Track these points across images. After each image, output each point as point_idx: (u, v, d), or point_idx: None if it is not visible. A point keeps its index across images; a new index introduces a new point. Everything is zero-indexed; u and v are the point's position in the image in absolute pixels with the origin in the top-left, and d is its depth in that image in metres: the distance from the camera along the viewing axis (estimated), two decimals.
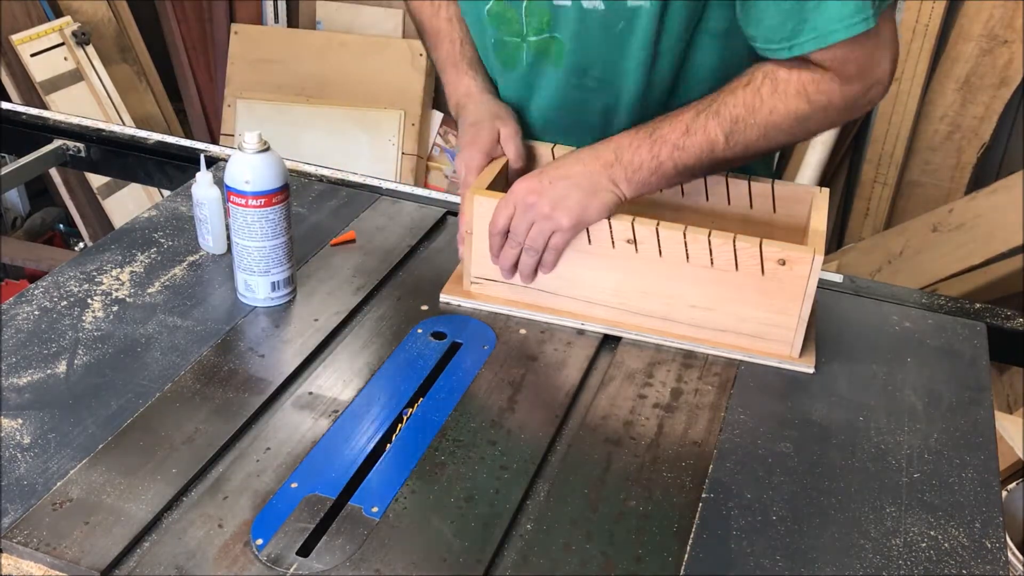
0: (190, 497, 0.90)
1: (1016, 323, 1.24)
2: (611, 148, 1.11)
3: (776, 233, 1.19)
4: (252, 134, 1.11)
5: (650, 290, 1.13)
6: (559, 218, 1.10)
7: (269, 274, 1.16)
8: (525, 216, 1.12)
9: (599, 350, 1.14)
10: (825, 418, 1.05)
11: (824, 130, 1.16)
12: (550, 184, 1.11)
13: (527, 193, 1.11)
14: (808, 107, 1.08)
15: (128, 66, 3.22)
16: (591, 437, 1.00)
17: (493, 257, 1.17)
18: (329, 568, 0.83)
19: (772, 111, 1.08)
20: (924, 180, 2.79)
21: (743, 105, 1.08)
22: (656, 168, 1.10)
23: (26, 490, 0.89)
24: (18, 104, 1.88)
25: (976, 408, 1.07)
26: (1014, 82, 2.58)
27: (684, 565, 0.86)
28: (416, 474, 0.94)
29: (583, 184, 1.10)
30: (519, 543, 0.87)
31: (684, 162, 1.10)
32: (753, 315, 1.11)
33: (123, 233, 1.33)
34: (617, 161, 1.10)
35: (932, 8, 2.59)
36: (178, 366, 1.07)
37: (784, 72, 1.07)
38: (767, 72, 1.08)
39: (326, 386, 1.06)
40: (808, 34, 1.03)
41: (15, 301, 1.16)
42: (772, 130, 1.09)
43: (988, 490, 0.96)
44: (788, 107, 1.07)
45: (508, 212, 1.12)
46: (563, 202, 1.10)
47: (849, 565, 0.87)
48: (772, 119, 1.08)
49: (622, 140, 1.11)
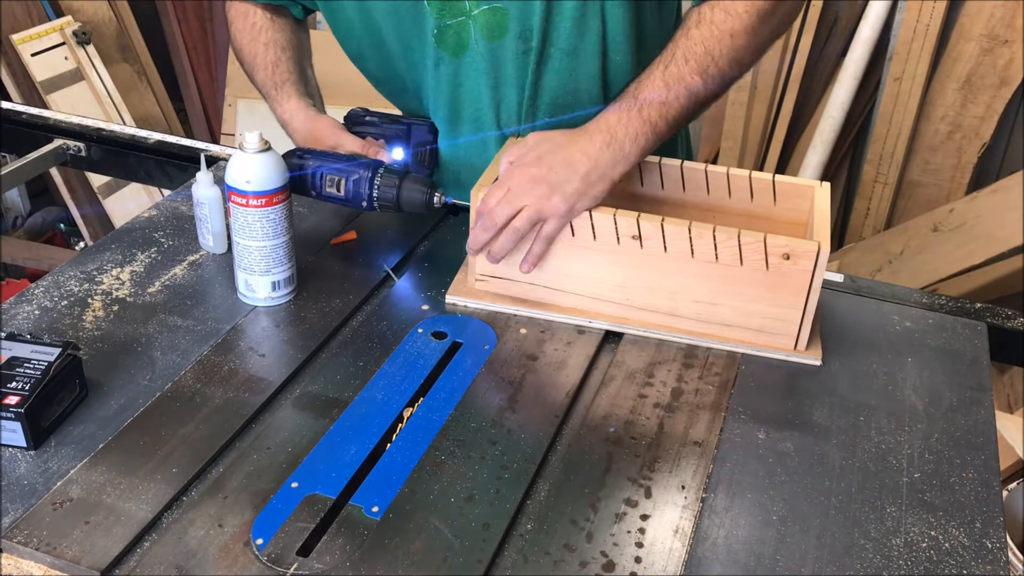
0: (190, 497, 0.90)
1: (1016, 323, 1.24)
2: (603, 128, 1.11)
3: (777, 227, 1.20)
4: (253, 134, 1.11)
5: (655, 285, 1.13)
6: (556, 205, 1.10)
7: (270, 273, 1.16)
8: (516, 201, 1.11)
9: (600, 349, 1.14)
10: (826, 418, 1.05)
11: (786, 26, 1.19)
12: (550, 171, 1.10)
13: (524, 177, 1.11)
14: (758, 16, 1.10)
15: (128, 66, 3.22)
16: (591, 437, 1.00)
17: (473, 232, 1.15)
18: (329, 568, 0.83)
19: (732, 34, 1.10)
20: (925, 180, 2.79)
21: (702, 42, 1.10)
22: (651, 131, 1.11)
23: (26, 490, 0.89)
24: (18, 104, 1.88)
25: (976, 408, 1.07)
26: (1015, 82, 2.58)
27: (685, 565, 0.86)
28: (416, 474, 0.93)
29: (584, 172, 1.09)
30: (519, 543, 0.87)
31: (674, 115, 1.12)
32: (758, 309, 1.11)
33: (123, 232, 1.33)
34: (614, 139, 1.10)
35: (933, 8, 2.59)
36: (178, 366, 1.07)
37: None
38: (711, 4, 1.11)
39: (326, 386, 1.06)
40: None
41: (15, 301, 1.16)
42: (739, 52, 1.11)
43: (988, 490, 0.96)
44: (744, 24, 1.10)
45: (501, 194, 1.12)
46: (557, 189, 1.10)
47: (849, 565, 0.87)
48: (735, 42, 1.10)
49: (610, 118, 1.11)
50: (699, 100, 1.12)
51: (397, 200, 1.19)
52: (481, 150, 1.35)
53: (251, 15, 1.38)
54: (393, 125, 1.36)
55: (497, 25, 1.22)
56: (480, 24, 1.23)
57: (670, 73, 1.10)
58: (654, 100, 1.10)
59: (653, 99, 1.10)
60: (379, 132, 1.36)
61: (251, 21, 1.38)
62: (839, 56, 2.80)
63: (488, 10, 1.22)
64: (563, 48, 1.24)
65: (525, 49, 1.24)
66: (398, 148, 1.32)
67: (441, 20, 1.24)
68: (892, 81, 2.69)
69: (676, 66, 1.10)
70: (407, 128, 1.36)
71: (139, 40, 3.28)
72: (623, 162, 1.11)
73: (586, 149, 1.10)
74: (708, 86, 1.11)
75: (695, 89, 1.11)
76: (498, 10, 1.21)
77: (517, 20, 1.22)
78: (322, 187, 1.20)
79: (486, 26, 1.23)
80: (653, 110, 1.10)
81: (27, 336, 1.00)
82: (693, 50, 1.10)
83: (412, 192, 1.19)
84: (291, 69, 1.37)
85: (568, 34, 1.23)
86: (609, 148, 1.10)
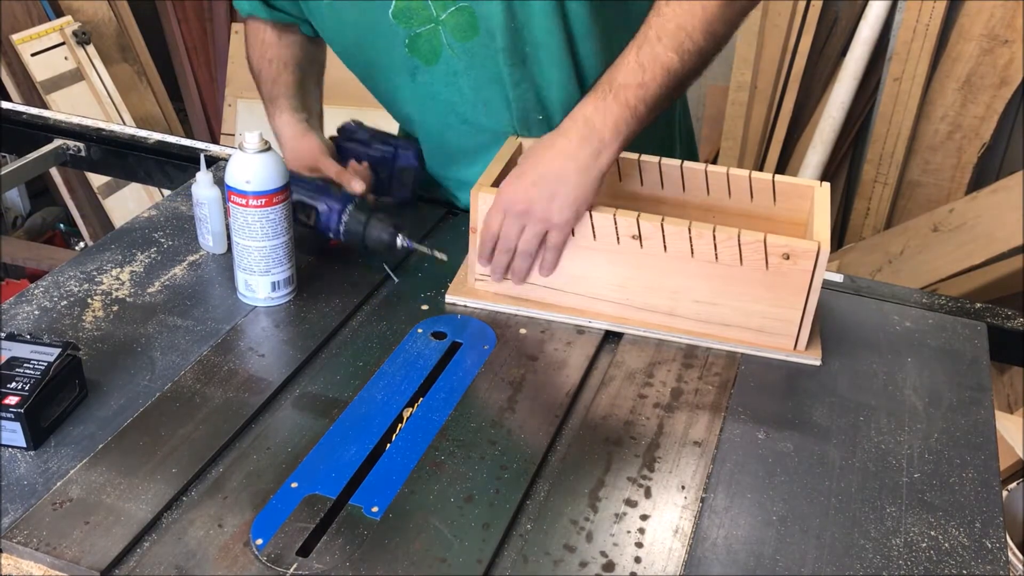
0: (190, 497, 0.90)
1: (1016, 323, 1.24)
2: (580, 123, 1.09)
3: (777, 227, 1.19)
4: (253, 134, 1.11)
5: (655, 285, 1.13)
6: (554, 217, 1.10)
7: (269, 274, 1.16)
8: (516, 222, 1.12)
9: (599, 349, 1.14)
10: (825, 418, 1.05)
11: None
12: (534, 186, 1.10)
13: (514, 201, 1.11)
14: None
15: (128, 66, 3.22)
16: (591, 437, 1.00)
17: (483, 261, 1.17)
18: (329, 568, 0.83)
19: (704, 7, 1.07)
20: (924, 180, 2.79)
21: (674, 18, 1.07)
22: (632, 116, 1.08)
23: (26, 490, 0.89)
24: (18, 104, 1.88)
25: (976, 408, 1.07)
26: (1015, 82, 2.58)
27: (685, 565, 0.86)
28: (416, 474, 0.93)
29: (568, 176, 1.09)
30: (519, 543, 0.87)
31: (652, 96, 1.08)
32: (758, 309, 1.11)
33: (123, 233, 1.33)
34: (592, 131, 1.08)
35: (932, 8, 2.59)
36: (178, 366, 1.07)
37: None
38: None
39: (326, 386, 1.06)
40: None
41: (15, 301, 1.16)
42: (713, 24, 1.08)
43: (988, 490, 0.96)
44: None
45: (500, 218, 1.13)
46: (554, 201, 1.09)
47: (849, 565, 0.87)
48: (707, 13, 1.07)
49: (586, 109, 1.09)
50: (678, 78, 1.09)
51: (363, 237, 1.21)
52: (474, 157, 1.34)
53: (262, 32, 1.41)
54: (381, 146, 1.37)
55: (467, 25, 1.21)
56: (450, 27, 1.22)
57: (644, 54, 1.08)
58: (630, 83, 1.08)
59: (629, 82, 1.08)
60: (366, 153, 1.37)
61: (261, 38, 1.41)
62: (839, 56, 2.80)
63: (455, 11, 1.21)
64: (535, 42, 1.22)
65: (498, 47, 1.22)
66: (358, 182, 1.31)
67: (411, 29, 1.23)
68: (892, 81, 2.69)
69: (649, 46, 1.07)
70: (394, 151, 1.37)
71: (139, 40, 3.27)
72: (606, 151, 1.09)
73: (564, 149, 1.09)
74: (685, 62, 1.08)
75: (672, 67, 1.08)
76: (464, 9, 1.20)
77: (484, 19, 1.21)
78: (295, 215, 1.23)
79: (456, 28, 1.22)
80: (630, 93, 1.08)
81: (27, 336, 1.00)
82: (665, 27, 1.07)
83: (377, 231, 1.22)
84: (288, 84, 1.39)
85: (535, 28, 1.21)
86: (588, 141, 1.08)
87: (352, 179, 1.28)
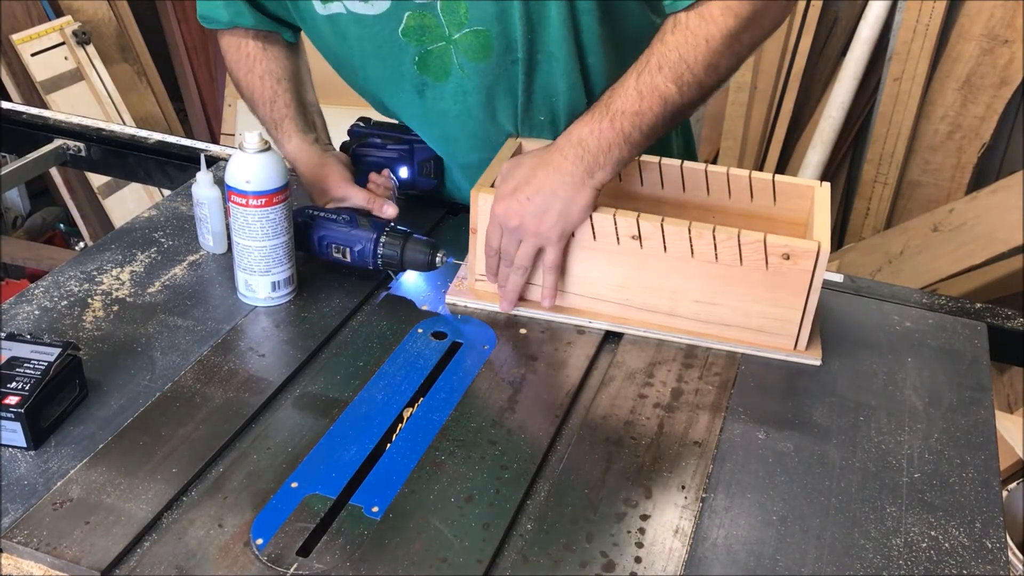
0: (190, 497, 0.90)
1: (1016, 323, 1.24)
2: (574, 142, 1.09)
3: (777, 227, 1.19)
4: (253, 134, 1.11)
5: (655, 285, 1.13)
6: (546, 233, 1.10)
7: (270, 274, 1.16)
8: (513, 237, 1.12)
9: (599, 350, 1.14)
10: (825, 418, 1.05)
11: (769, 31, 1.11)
12: (528, 200, 1.10)
13: (508, 216, 1.11)
14: (736, 20, 1.05)
15: (128, 66, 3.22)
16: (591, 437, 1.00)
17: (490, 276, 1.18)
18: (329, 568, 0.83)
19: (708, 39, 1.05)
20: (924, 180, 2.79)
21: (677, 48, 1.06)
22: (625, 141, 1.08)
23: (26, 490, 0.89)
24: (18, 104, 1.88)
25: (976, 408, 1.07)
26: (1015, 82, 2.58)
27: (685, 565, 0.86)
28: (416, 474, 0.93)
29: (561, 192, 1.09)
30: (519, 543, 0.87)
31: (649, 124, 1.08)
32: (758, 309, 1.11)
33: (123, 233, 1.33)
34: (587, 152, 1.08)
35: (932, 8, 2.59)
36: (178, 366, 1.07)
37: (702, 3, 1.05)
38: (687, 10, 1.06)
39: (326, 386, 1.06)
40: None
41: (15, 301, 1.16)
42: (715, 58, 1.06)
43: (988, 490, 0.96)
44: (720, 28, 1.05)
45: (499, 233, 1.13)
46: (546, 217, 1.09)
47: (849, 565, 0.87)
48: (711, 47, 1.05)
49: (582, 130, 1.09)
50: (676, 108, 1.08)
51: (401, 260, 1.21)
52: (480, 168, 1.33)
53: (243, 45, 1.34)
54: (396, 146, 1.36)
55: (481, 47, 1.19)
56: (463, 47, 1.20)
57: (643, 82, 1.06)
58: (627, 111, 1.07)
59: (626, 109, 1.07)
60: (383, 157, 1.35)
61: (244, 51, 1.34)
62: (839, 56, 2.80)
63: (470, 32, 1.18)
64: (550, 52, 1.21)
65: (513, 60, 1.21)
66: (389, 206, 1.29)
67: (422, 47, 1.21)
68: (892, 81, 2.69)
69: (649, 74, 1.06)
70: (409, 147, 1.35)
71: (139, 40, 3.27)
72: (600, 172, 1.09)
73: (560, 166, 1.09)
74: (684, 94, 1.07)
75: (670, 98, 1.06)
76: (480, 33, 1.18)
77: (501, 37, 1.19)
78: (329, 252, 1.22)
79: (470, 48, 1.20)
80: (626, 121, 1.07)
81: (27, 336, 1.00)
82: (667, 56, 1.06)
83: (415, 253, 1.20)
84: (288, 103, 1.34)
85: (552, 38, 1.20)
86: (582, 161, 1.08)
87: (382, 204, 1.26)
